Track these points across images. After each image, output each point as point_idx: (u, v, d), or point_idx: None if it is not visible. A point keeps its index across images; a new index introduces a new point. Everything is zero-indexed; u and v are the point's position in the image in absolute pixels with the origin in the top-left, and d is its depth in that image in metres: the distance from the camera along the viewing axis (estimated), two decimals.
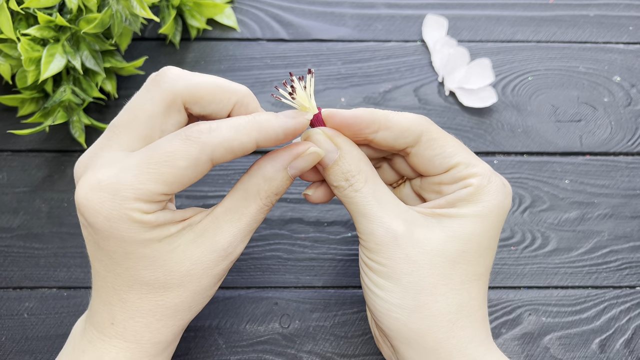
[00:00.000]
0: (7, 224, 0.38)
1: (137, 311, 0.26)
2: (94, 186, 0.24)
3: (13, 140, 0.40)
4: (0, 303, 0.36)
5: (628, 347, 0.36)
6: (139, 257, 0.25)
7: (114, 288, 0.26)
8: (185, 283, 0.26)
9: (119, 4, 0.36)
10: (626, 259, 0.38)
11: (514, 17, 0.45)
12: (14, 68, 0.38)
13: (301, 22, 0.44)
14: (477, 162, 0.27)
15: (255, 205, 0.27)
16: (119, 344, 0.26)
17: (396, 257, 0.26)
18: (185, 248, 0.26)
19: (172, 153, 0.24)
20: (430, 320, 0.26)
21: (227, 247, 0.26)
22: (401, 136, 0.27)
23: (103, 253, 0.25)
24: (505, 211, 0.27)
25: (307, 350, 0.36)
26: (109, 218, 0.24)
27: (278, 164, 0.26)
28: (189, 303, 0.27)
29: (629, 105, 0.42)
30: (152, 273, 0.25)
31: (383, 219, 0.26)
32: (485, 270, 0.28)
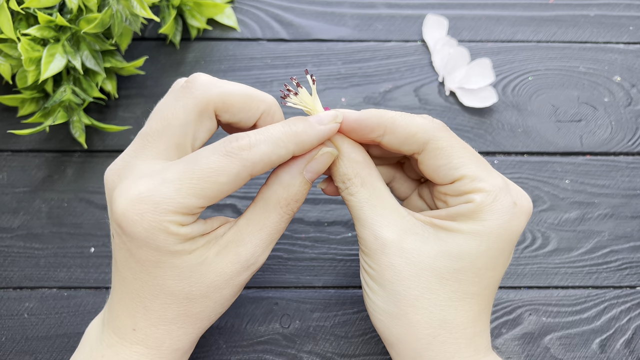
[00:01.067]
0: (7, 224, 0.38)
1: (160, 320, 0.26)
2: (135, 198, 0.24)
3: (13, 140, 0.40)
4: (1, 303, 0.36)
5: (628, 347, 0.36)
6: (168, 267, 0.25)
7: (139, 296, 0.26)
8: (209, 294, 0.26)
9: (119, 4, 0.36)
10: (626, 259, 0.38)
11: (514, 17, 0.45)
12: (14, 68, 0.38)
13: (301, 22, 0.44)
14: (487, 176, 0.26)
15: (275, 215, 0.27)
16: (140, 350, 0.26)
17: (382, 264, 0.26)
18: (211, 261, 0.26)
19: (214, 169, 0.24)
20: (410, 330, 0.26)
21: (249, 258, 0.26)
22: (406, 142, 0.26)
23: (134, 261, 0.25)
24: (511, 232, 0.26)
25: (308, 351, 0.36)
26: (147, 229, 0.24)
27: (294, 170, 0.26)
28: (209, 312, 0.27)
29: (629, 105, 0.42)
30: (178, 283, 0.25)
31: (374, 226, 0.26)
32: (481, 289, 0.26)
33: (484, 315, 0.27)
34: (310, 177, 0.27)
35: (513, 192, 0.26)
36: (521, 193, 0.27)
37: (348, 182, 0.27)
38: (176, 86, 0.27)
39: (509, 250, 0.26)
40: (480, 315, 0.27)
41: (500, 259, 0.26)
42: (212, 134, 0.28)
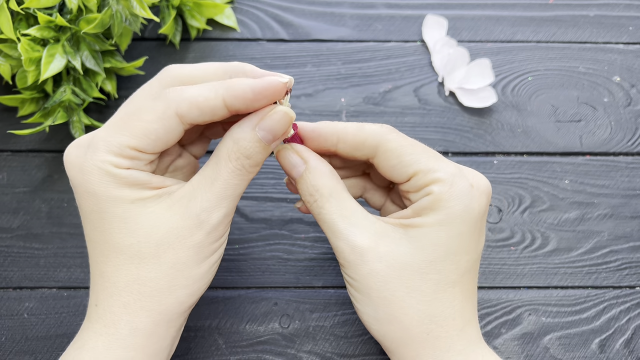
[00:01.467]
0: (7, 224, 0.38)
1: (115, 286, 0.25)
2: (74, 144, 0.26)
3: (13, 141, 0.40)
4: (0, 303, 0.37)
5: (628, 347, 0.36)
6: (111, 218, 0.25)
7: (96, 261, 0.26)
8: (160, 253, 0.25)
9: (119, 4, 0.36)
10: (626, 259, 0.38)
11: (514, 17, 0.45)
12: (14, 68, 0.38)
13: (301, 22, 0.44)
14: (440, 166, 0.26)
15: (226, 169, 0.26)
16: (98, 329, 0.26)
17: (364, 272, 0.26)
18: (159, 214, 0.25)
19: (140, 108, 0.25)
20: (404, 333, 0.26)
21: (200, 213, 0.25)
22: (358, 148, 0.28)
23: (84, 217, 0.26)
24: (474, 213, 0.26)
25: (307, 350, 0.36)
26: (82, 169, 0.25)
27: (245, 124, 0.26)
28: (167, 281, 0.25)
29: (629, 106, 0.42)
30: (124, 238, 0.25)
31: (348, 236, 0.27)
32: (461, 276, 0.27)
33: (469, 304, 0.28)
34: (263, 135, 0.26)
35: (468, 175, 0.27)
36: (477, 175, 0.28)
37: (316, 193, 0.27)
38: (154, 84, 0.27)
39: (477, 232, 0.27)
40: (465, 304, 0.27)
41: (470, 242, 0.27)
42: None
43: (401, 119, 0.42)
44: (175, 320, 0.27)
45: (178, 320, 0.27)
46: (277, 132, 0.26)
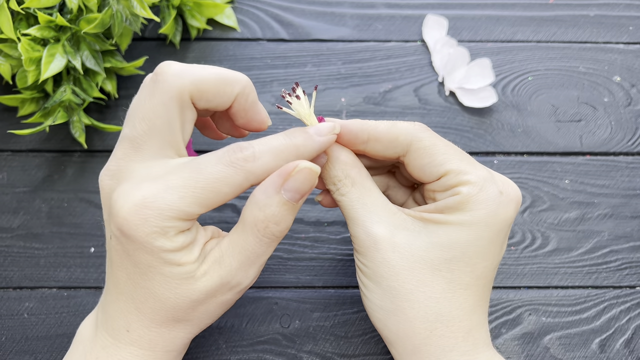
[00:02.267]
0: (7, 224, 0.38)
1: (152, 321, 0.26)
2: (139, 203, 0.23)
3: (13, 140, 0.40)
4: (1, 303, 0.37)
5: (628, 347, 0.36)
6: (159, 274, 0.25)
7: (132, 297, 0.26)
8: (195, 307, 0.26)
9: (120, 4, 0.36)
10: (626, 259, 0.38)
11: (514, 17, 0.45)
12: (14, 68, 0.38)
13: (301, 22, 0.44)
14: (472, 169, 0.26)
15: (253, 238, 0.25)
16: (134, 351, 0.26)
17: (376, 260, 0.26)
18: (197, 278, 0.25)
19: (217, 179, 0.24)
20: (407, 325, 0.26)
21: (230, 281, 0.26)
22: (390, 146, 0.27)
23: (130, 263, 0.25)
24: (500, 220, 0.26)
25: (307, 350, 0.36)
26: (148, 234, 0.23)
27: (269, 189, 0.25)
28: (198, 321, 0.27)
29: (629, 105, 0.42)
30: (165, 292, 0.25)
31: (365, 223, 0.27)
32: (475, 280, 0.26)
33: (480, 308, 0.27)
34: (290, 196, 0.25)
35: (499, 182, 0.27)
36: (508, 182, 0.27)
37: (339, 183, 0.27)
38: (147, 81, 0.26)
39: (500, 240, 0.27)
40: (475, 308, 0.27)
41: (491, 249, 0.26)
42: (193, 122, 0.27)
43: (401, 119, 0.42)
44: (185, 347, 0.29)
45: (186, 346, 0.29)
46: (305, 190, 0.25)
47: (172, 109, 0.25)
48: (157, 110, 0.25)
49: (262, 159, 0.24)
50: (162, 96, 0.25)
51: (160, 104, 0.25)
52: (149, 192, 0.24)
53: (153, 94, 0.25)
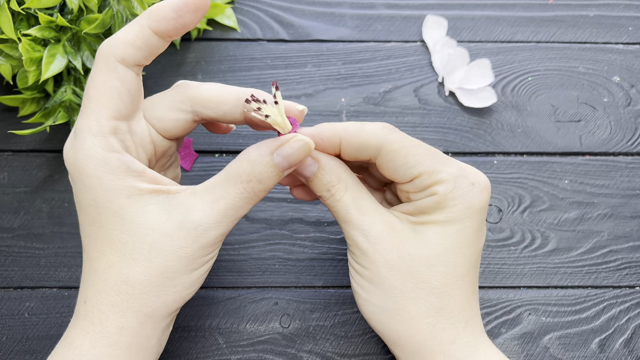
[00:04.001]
0: (8, 224, 0.38)
1: (105, 285, 0.25)
2: (67, 140, 0.26)
3: (14, 141, 0.40)
4: (1, 303, 0.37)
5: (627, 346, 0.36)
6: (108, 213, 0.25)
7: (89, 257, 0.26)
8: (152, 258, 0.25)
9: (120, 5, 0.37)
10: (626, 259, 0.38)
11: (514, 17, 0.45)
12: (14, 68, 0.38)
13: (301, 23, 0.44)
14: (443, 167, 0.27)
15: (235, 189, 0.26)
16: (85, 326, 0.26)
17: (377, 261, 0.27)
18: (156, 215, 0.25)
19: (90, 82, 0.25)
20: (411, 323, 0.27)
21: (197, 227, 0.25)
22: (361, 149, 0.27)
23: (81, 211, 0.26)
24: (476, 209, 0.27)
25: (308, 350, 0.36)
26: (75, 162, 0.25)
27: (264, 149, 0.26)
28: (155, 286, 0.25)
29: (628, 106, 0.42)
30: (119, 235, 0.25)
31: (363, 226, 0.27)
32: (467, 269, 0.28)
33: (473, 297, 0.28)
34: (279, 161, 0.26)
35: (469, 174, 0.28)
36: (477, 173, 0.28)
37: (333, 188, 0.28)
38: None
39: (480, 226, 0.28)
40: (470, 298, 0.28)
41: (474, 235, 0.28)
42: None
43: (401, 119, 0.42)
44: (162, 322, 0.27)
45: (164, 321, 0.27)
46: (294, 160, 0.26)
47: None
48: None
49: (117, 34, 0.25)
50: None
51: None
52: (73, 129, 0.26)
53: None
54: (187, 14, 0.25)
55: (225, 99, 0.27)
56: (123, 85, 0.25)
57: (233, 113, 0.28)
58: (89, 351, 0.25)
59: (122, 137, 0.26)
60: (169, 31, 0.25)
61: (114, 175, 0.25)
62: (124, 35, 0.25)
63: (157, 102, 0.28)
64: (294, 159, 0.26)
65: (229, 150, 0.41)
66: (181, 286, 0.26)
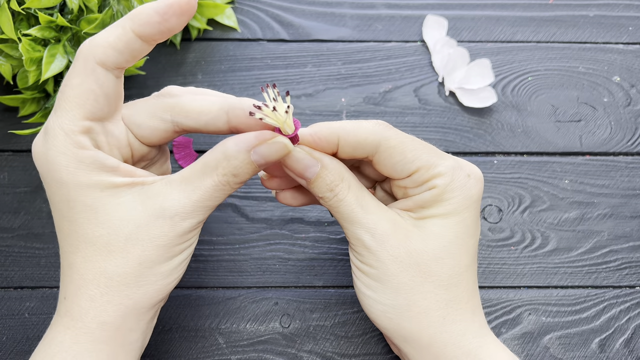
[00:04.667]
0: (8, 224, 0.38)
1: (83, 280, 0.25)
2: (37, 136, 0.26)
3: (14, 141, 0.40)
4: (1, 303, 0.37)
5: (628, 346, 0.36)
6: (81, 208, 0.25)
7: (65, 252, 0.26)
8: (129, 248, 0.25)
9: (120, 5, 0.37)
10: (626, 259, 0.38)
11: (514, 17, 0.45)
12: (15, 68, 0.38)
13: (301, 23, 0.44)
14: (439, 160, 0.27)
15: (210, 180, 0.25)
16: (66, 322, 0.25)
17: (384, 259, 0.27)
18: (131, 207, 0.25)
19: (66, 81, 0.25)
20: (422, 318, 0.27)
21: (173, 216, 0.25)
22: (358, 147, 0.27)
23: (53, 207, 0.26)
24: (474, 200, 0.28)
25: (308, 350, 0.36)
26: (47, 159, 0.25)
27: (241, 145, 0.25)
28: (134, 277, 0.25)
29: (628, 106, 0.42)
30: (94, 228, 0.25)
31: (368, 224, 0.27)
32: (471, 260, 0.28)
33: (476, 289, 0.29)
34: (256, 159, 0.25)
35: (464, 167, 0.28)
36: (470, 165, 0.29)
37: (336, 188, 0.27)
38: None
39: (478, 215, 0.29)
40: (474, 288, 0.29)
41: (473, 224, 0.28)
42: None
43: (401, 119, 0.42)
44: (145, 314, 0.27)
45: (147, 314, 0.27)
46: (271, 160, 0.26)
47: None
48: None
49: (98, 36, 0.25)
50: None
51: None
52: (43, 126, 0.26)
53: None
54: (173, 18, 0.24)
55: (206, 109, 0.27)
56: (100, 89, 0.25)
57: (215, 123, 0.27)
58: (71, 347, 0.25)
59: (95, 137, 0.26)
60: (153, 35, 0.25)
61: (87, 171, 0.25)
62: (105, 37, 0.24)
63: (137, 108, 0.28)
64: (271, 159, 0.26)
65: None
66: (161, 275, 0.26)
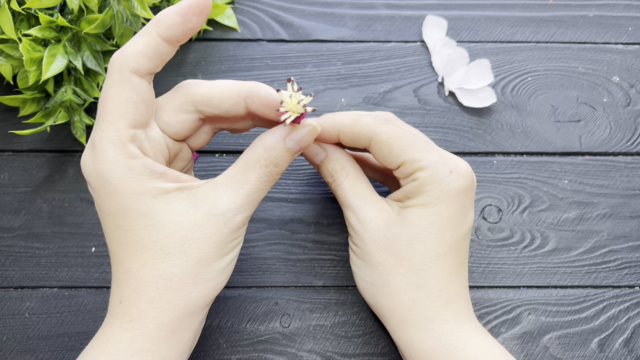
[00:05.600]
0: (9, 224, 0.38)
1: (141, 283, 0.26)
2: (85, 151, 0.27)
3: (14, 141, 0.40)
4: (2, 303, 0.37)
5: (627, 346, 0.36)
6: (136, 216, 0.25)
7: (120, 259, 0.26)
8: (185, 249, 0.26)
9: (120, 5, 0.37)
10: (625, 259, 0.38)
11: (514, 17, 0.45)
12: (15, 68, 0.38)
13: (301, 23, 0.44)
14: (424, 155, 0.29)
15: (255, 174, 0.27)
16: (124, 324, 0.26)
17: (366, 240, 0.30)
18: (184, 210, 0.26)
19: (103, 94, 0.26)
20: (394, 297, 0.30)
21: (226, 212, 0.27)
22: (355, 139, 0.31)
23: (106, 218, 0.26)
24: (453, 194, 0.29)
25: (308, 350, 0.36)
26: (99, 173, 0.25)
27: (277, 135, 0.28)
28: (192, 276, 0.27)
29: (628, 106, 0.42)
30: (150, 234, 0.26)
31: (356, 209, 0.31)
32: (446, 250, 0.30)
33: (456, 280, 0.30)
34: (291, 145, 0.28)
35: (450, 162, 0.30)
36: (458, 161, 0.30)
37: (335, 174, 0.31)
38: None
39: (458, 211, 0.30)
40: (451, 279, 0.30)
41: (452, 219, 0.30)
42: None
43: (401, 118, 0.42)
44: (199, 314, 0.28)
45: (201, 313, 0.28)
46: (304, 144, 0.29)
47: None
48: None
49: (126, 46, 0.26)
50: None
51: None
52: (89, 140, 0.27)
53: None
54: (193, 17, 0.26)
55: (227, 96, 0.28)
56: (138, 95, 0.26)
57: (236, 109, 0.29)
58: (128, 346, 0.26)
59: (141, 144, 0.27)
60: (177, 36, 0.26)
61: (139, 179, 0.25)
62: (134, 46, 0.26)
63: (161, 107, 0.29)
64: (304, 143, 0.28)
65: (229, 150, 0.41)
66: (216, 272, 0.27)
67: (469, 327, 0.30)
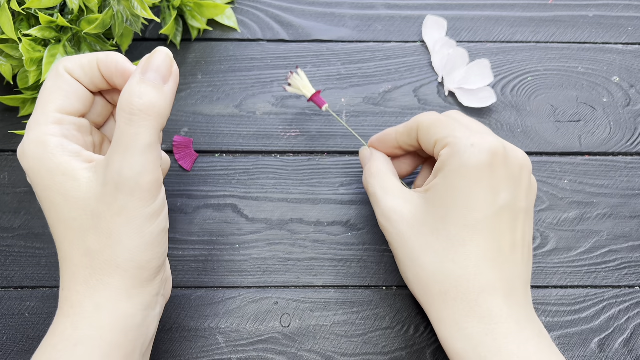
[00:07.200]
0: (9, 223, 0.38)
1: (73, 264, 0.26)
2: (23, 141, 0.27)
3: (14, 141, 0.40)
4: (2, 303, 0.37)
5: (627, 346, 0.36)
6: (55, 194, 0.26)
7: (56, 242, 0.27)
8: (97, 224, 0.26)
9: (120, 5, 0.37)
10: (625, 259, 0.38)
11: (513, 17, 0.45)
12: (15, 68, 0.38)
13: (301, 23, 0.44)
14: (452, 133, 0.29)
15: (122, 121, 0.25)
16: (66, 311, 0.26)
17: (393, 233, 0.30)
18: (88, 185, 0.26)
19: (42, 89, 0.27)
20: (427, 290, 0.28)
21: (114, 175, 0.25)
22: (408, 134, 0.33)
23: (39, 200, 0.27)
24: (472, 169, 0.27)
25: (308, 349, 0.36)
26: (22, 147, 0.26)
27: (134, 74, 0.26)
28: (109, 253, 0.25)
29: (628, 106, 0.42)
30: (69, 212, 0.26)
31: (381, 202, 0.31)
32: (470, 234, 0.27)
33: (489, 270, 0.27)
34: (151, 77, 0.25)
35: (475, 136, 0.29)
36: (483, 137, 0.28)
37: (370, 173, 0.34)
38: None
39: (479, 187, 0.27)
40: (481, 269, 0.27)
41: (473, 197, 0.27)
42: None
43: (401, 119, 0.42)
44: (137, 296, 0.26)
45: (140, 295, 0.26)
46: (164, 70, 0.26)
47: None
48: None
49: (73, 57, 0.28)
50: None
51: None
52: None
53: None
54: (116, 79, 0.28)
55: (86, 64, 0.28)
56: (70, 88, 0.27)
57: (96, 80, 0.28)
58: (72, 335, 0.25)
59: (67, 127, 0.27)
60: (110, 73, 0.28)
61: (51, 155, 0.26)
62: (78, 57, 0.28)
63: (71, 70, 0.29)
64: (163, 70, 0.26)
65: (229, 150, 0.41)
66: (134, 250, 0.25)
67: (507, 328, 0.26)
